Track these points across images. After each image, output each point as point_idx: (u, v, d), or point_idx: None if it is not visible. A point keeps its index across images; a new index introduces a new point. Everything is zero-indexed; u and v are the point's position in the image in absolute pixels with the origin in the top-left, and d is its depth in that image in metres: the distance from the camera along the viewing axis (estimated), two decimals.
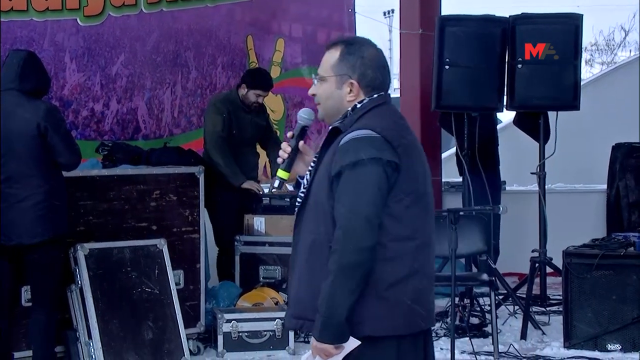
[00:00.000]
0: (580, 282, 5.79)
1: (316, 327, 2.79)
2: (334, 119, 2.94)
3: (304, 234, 2.88)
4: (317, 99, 2.97)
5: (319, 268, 2.81)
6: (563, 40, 6.53)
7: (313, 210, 2.86)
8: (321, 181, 2.85)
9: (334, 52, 2.93)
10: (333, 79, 2.92)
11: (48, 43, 6.68)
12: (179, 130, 7.43)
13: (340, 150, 2.81)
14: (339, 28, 8.38)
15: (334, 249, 2.77)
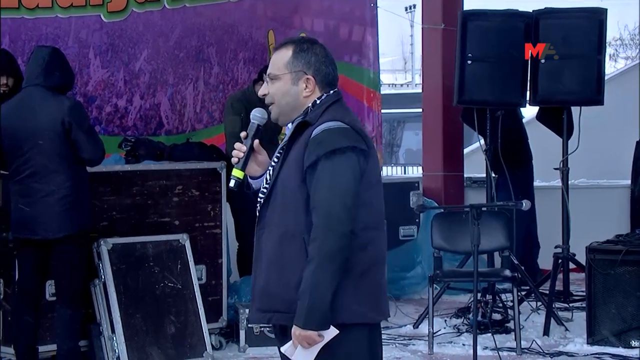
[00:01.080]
0: (604, 278, 5.76)
1: (300, 315, 2.81)
2: (289, 117, 2.99)
3: (270, 227, 2.91)
4: (270, 99, 2.99)
5: (290, 260, 2.86)
6: (587, 34, 6.49)
7: (280, 203, 2.89)
8: (290, 175, 2.89)
9: (285, 51, 2.98)
10: (288, 76, 2.96)
11: (72, 40, 6.73)
12: (201, 125, 7.46)
13: (313, 141, 2.86)
14: (361, 23, 8.36)
15: (314, 237, 2.81)
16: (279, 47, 3.01)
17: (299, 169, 2.87)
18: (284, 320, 2.90)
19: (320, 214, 2.82)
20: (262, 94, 3.00)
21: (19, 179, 4.96)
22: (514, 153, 7.05)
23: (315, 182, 2.84)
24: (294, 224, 2.87)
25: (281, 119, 3.00)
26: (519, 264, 6.51)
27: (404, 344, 5.99)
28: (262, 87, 3.01)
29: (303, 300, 2.81)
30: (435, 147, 8.10)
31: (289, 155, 2.91)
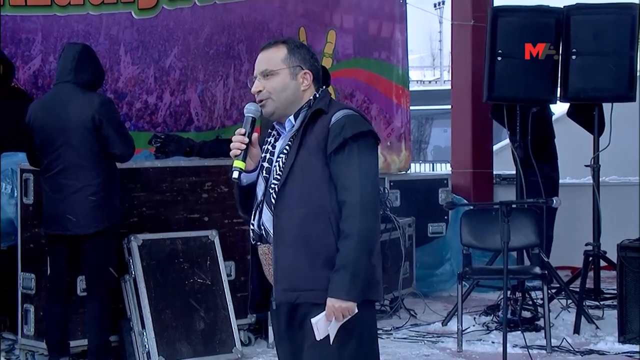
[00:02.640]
0: (636, 276, 5.72)
1: (341, 287, 2.92)
2: (286, 112, 3.06)
3: (291, 209, 2.99)
4: (265, 95, 3.05)
5: (316, 238, 2.97)
6: (619, 30, 6.44)
7: (300, 187, 2.98)
8: (310, 159, 2.99)
9: (278, 48, 3.08)
10: (286, 71, 3.05)
11: (104, 36, 6.77)
12: (230, 122, 7.48)
13: (336, 126, 2.98)
14: (390, 19, 8.35)
15: (349, 214, 2.94)
16: (267, 47, 3.10)
17: (320, 153, 2.98)
18: (312, 297, 2.97)
19: (354, 193, 2.95)
20: (256, 90, 3.06)
21: (50, 175, 5.00)
22: (543, 150, 7.01)
23: (344, 164, 2.96)
24: (318, 204, 2.98)
25: (277, 112, 3.07)
26: (548, 261, 6.47)
27: (433, 341, 5.98)
28: (255, 84, 3.07)
29: (343, 274, 2.92)
30: (465, 143, 8.07)
31: (305, 142, 3.01)
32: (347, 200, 2.95)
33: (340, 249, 2.94)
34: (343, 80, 8.18)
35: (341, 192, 2.96)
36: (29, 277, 5.43)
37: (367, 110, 8.32)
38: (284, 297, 3.02)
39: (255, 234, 3.10)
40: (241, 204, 3.18)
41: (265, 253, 3.09)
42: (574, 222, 7.46)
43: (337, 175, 2.97)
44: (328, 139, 2.98)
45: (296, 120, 3.06)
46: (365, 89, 8.31)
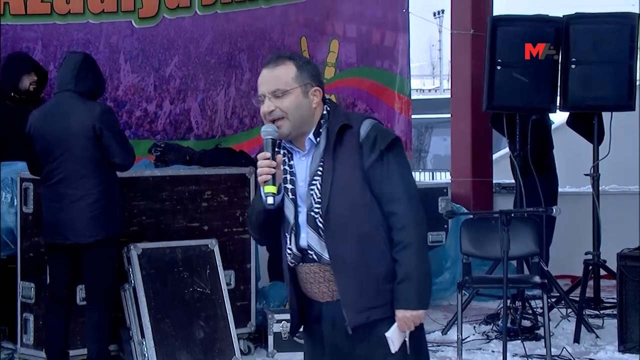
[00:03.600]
0: (636, 285, 5.71)
1: (410, 297, 2.97)
2: (300, 130, 3.03)
3: (343, 232, 2.98)
4: (279, 114, 3.01)
5: (375, 255, 2.99)
6: (618, 40, 6.45)
7: (347, 207, 2.98)
8: (349, 178, 2.99)
9: (287, 66, 3.03)
10: (298, 89, 3.02)
11: (103, 45, 6.78)
12: (231, 131, 7.49)
13: (367, 140, 2.98)
14: (393, 28, 8.36)
15: (403, 224, 2.97)
16: (273, 64, 3.05)
17: (357, 169, 2.98)
18: (381, 313, 3.00)
19: (403, 203, 2.98)
20: (269, 110, 3.01)
21: (50, 184, 5.01)
22: (542, 159, 7.01)
23: (385, 176, 2.99)
24: (368, 221, 2.99)
25: (292, 133, 3.03)
26: (548, 270, 6.47)
27: (433, 350, 5.97)
28: (266, 103, 3.02)
29: (409, 283, 2.97)
30: (464, 152, 8.07)
31: (339, 160, 3.00)
32: (399, 211, 2.98)
33: (401, 259, 2.97)
34: (345, 89, 8.19)
35: (389, 204, 2.99)
36: (28, 286, 5.43)
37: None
38: (357, 320, 3.01)
39: (296, 257, 3.07)
40: (264, 228, 3.14)
41: (313, 272, 3.07)
42: (573, 231, 7.46)
43: (379, 187, 2.99)
44: (362, 154, 2.98)
45: (317, 138, 3.03)
46: (367, 97, 8.32)
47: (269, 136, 3.02)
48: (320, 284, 3.06)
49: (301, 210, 3.05)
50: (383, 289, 3.00)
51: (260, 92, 3.05)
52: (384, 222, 3.00)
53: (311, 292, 3.10)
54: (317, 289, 3.07)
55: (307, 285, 3.09)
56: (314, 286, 3.08)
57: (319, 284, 3.06)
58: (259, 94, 3.06)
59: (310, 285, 3.09)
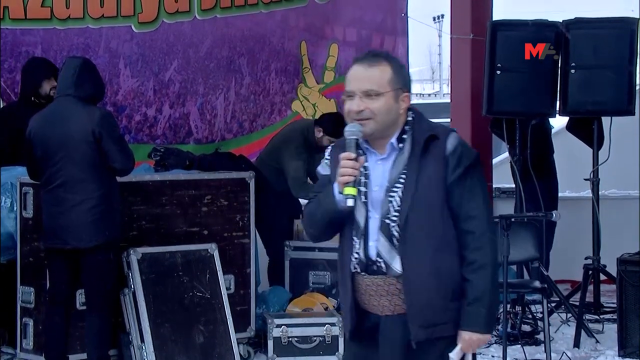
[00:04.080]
0: (635, 290, 5.71)
1: (480, 320, 2.94)
2: (383, 134, 2.97)
3: (418, 242, 2.93)
4: (368, 115, 2.94)
5: (446, 271, 2.95)
6: (618, 44, 6.45)
7: (426, 218, 2.93)
8: (432, 189, 2.93)
9: (384, 68, 2.97)
10: (391, 93, 2.95)
11: (103, 50, 6.79)
12: (230, 135, 7.49)
13: (453, 155, 2.95)
14: (393, 32, 8.36)
15: (482, 244, 2.94)
16: (369, 63, 2.97)
17: (440, 182, 2.94)
18: (445, 331, 2.96)
19: (482, 222, 2.95)
20: (358, 110, 2.94)
21: (50, 188, 5.00)
22: (542, 164, 7.01)
23: (468, 193, 2.95)
24: (444, 236, 2.95)
25: (375, 134, 2.97)
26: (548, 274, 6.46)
27: None
28: (355, 101, 2.94)
29: (480, 306, 2.93)
30: None
31: (423, 170, 2.94)
32: (476, 230, 2.94)
33: (474, 280, 2.93)
34: None
35: (467, 222, 2.95)
36: (28, 290, 5.42)
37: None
38: (422, 335, 2.95)
39: (361, 264, 2.99)
40: (327, 227, 3.06)
41: (376, 284, 2.99)
42: (573, 235, 7.45)
43: (459, 204, 2.95)
44: (447, 168, 2.93)
45: (400, 144, 2.97)
46: None
47: (353, 136, 2.94)
48: (382, 297, 2.99)
49: (372, 215, 2.97)
50: (450, 307, 2.96)
51: (351, 89, 2.98)
52: (456, 239, 2.95)
53: (369, 304, 3.03)
54: (377, 301, 3.00)
55: (366, 297, 3.02)
56: (373, 299, 3.01)
57: (380, 297, 2.99)
58: (349, 89, 2.98)
59: (369, 297, 3.01)
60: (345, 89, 3.00)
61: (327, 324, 5.73)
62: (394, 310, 2.99)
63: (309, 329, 5.75)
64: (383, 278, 2.97)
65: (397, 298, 2.98)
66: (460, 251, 2.97)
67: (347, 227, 3.01)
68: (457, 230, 2.96)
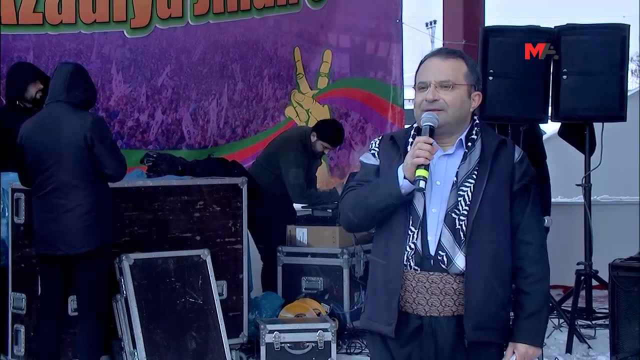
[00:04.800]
0: (627, 296, 5.71)
1: (537, 333, 2.96)
2: (453, 129, 2.94)
3: (481, 245, 2.89)
4: (442, 105, 2.91)
5: (502, 278, 2.92)
6: (609, 51, 6.46)
7: (490, 221, 2.91)
8: (498, 194, 2.93)
9: (459, 62, 2.96)
10: (465, 87, 2.94)
11: (95, 55, 6.78)
12: (223, 141, 7.48)
13: (521, 163, 2.97)
14: (387, 38, 8.37)
15: (541, 257, 2.96)
16: (444, 56, 2.95)
17: (507, 187, 2.94)
18: (492, 337, 2.94)
19: (540, 235, 2.98)
20: (432, 99, 2.90)
21: (41, 194, 4.99)
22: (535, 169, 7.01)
23: (529, 204, 2.96)
24: (504, 243, 2.93)
25: (446, 127, 2.93)
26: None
27: None
28: (430, 90, 2.90)
29: (539, 319, 2.95)
30: None
31: (493, 173, 2.93)
32: (535, 241, 2.96)
33: (533, 292, 2.93)
34: (339, 99, 8.20)
35: (527, 233, 2.95)
36: (19, 297, 5.41)
37: (363, 129, 8.33)
38: (474, 336, 2.90)
39: (416, 257, 2.90)
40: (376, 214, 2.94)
41: (431, 281, 2.90)
42: (565, 241, 7.47)
43: (521, 214, 2.94)
44: (515, 175, 2.94)
45: (468, 143, 2.95)
46: (360, 108, 8.33)
47: (429, 123, 2.89)
48: (433, 296, 2.90)
49: (430, 209, 2.91)
50: (500, 314, 2.93)
51: (425, 79, 2.93)
52: (510, 248, 2.93)
53: (413, 303, 2.92)
54: (426, 300, 2.91)
55: (412, 295, 2.92)
56: (422, 297, 2.91)
57: (432, 295, 2.90)
58: (422, 80, 2.94)
59: (417, 294, 2.91)
60: (417, 81, 2.95)
61: (320, 330, 5.73)
62: (441, 312, 2.91)
63: (301, 334, 5.75)
64: (440, 275, 2.89)
65: (449, 299, 2.90)
66: (514, 262, 2.94)
67: (398, 218, 2.93)
68: (513, 240, 2.94)
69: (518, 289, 2.95)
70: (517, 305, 2.95)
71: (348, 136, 8.24)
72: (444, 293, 2.90)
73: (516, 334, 2.94)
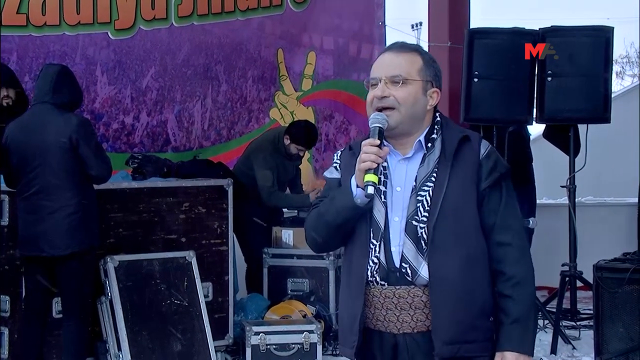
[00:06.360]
0: (611, 297, 5.73)
1: (525, 340, 2.69)
2: (407, 128, 2.73)
3: (446, 250, 2.65)
4: (392, 103, 2.70)
5: (477, 284, 2.68)
6: (593, 52, 6.49)
7: (454, 225, 2.67)
8: (463, 194, 2.69)
9: (414, 57, 2.75)
10: (419, 83, 2.73)
11: (80, 57, 6.76)
12: (208, 142, 7.47)
13: (488, 159, 2.72)
14: (370, 41, 8.39)
15: (519, 257, 2.70)
16: (398, 50, 2.75)
17: (473, 187, 2.69)
18: (473, 350, 2.68)
19: (518, 234, 2.73)
20: (381, 95, 2.70)
21: (26, 195, 4.97)
22: (520, 171, 7.04)
23: (502, 202, 2.72)
24: (475, 246, 2.69)
25: (399, 128, 2.72)
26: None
27: None
28: (380, 87, 2.71)
29: (525, 324, 2.69)
30: None
31: (455, 173, 2.69)
32: (513, 242, 2.70)
33: (516, 296, 2.67)
34: (322, 101, 8.21)
35: (502, 233, 2.69)
36: (3, 299, 5.37)
37: (347, 131, 8.34)
38: (445, 351, 2.64)
39: (381, 271, 2.68)
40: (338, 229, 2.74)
41: (399, 296, 2.68)
42: (550, 242, 7.49)
43: (493, 214, 2.70)
44: (481, 172, 2.70)
45: (428, 143, 2.73)
46: (344, 110, 8.35)
47: (377, 124, 2.69)
48: (403, 312, 2.68)
49: (392, 217, 2.69)
50: (478, 324, 2.68)
51: (376, 75, 2.73)
52: (486, 251, 2.69)
53: (384, 320, 2.71)
54: (396, 317, 2.69)
55: (382, 312, 2.70)
56: (392, 313, 2.69)
57: (401, 311, 2.68)
58: (373, 77, 2.74)
59: (386, 311, 2.70)
60: (370, 77, 2.76)
61: (306, 332, 5.72)
62: (414, 328, 2.70)
63: (287, 336, 5.74)
64: (407, 289, 2.67)
65: (420, 313, 2.68)
66: (493, 266, 2.70)
67: (360, 230, 2.72)
68: (489, 242, 2.70)
69: (500, 294, 2.69)
70: (501, 311, 2.69)
71: (332, 138, 8.24)
72: (414, 307, 2.68)
73: (502, 341, 2.68)
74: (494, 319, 2.72)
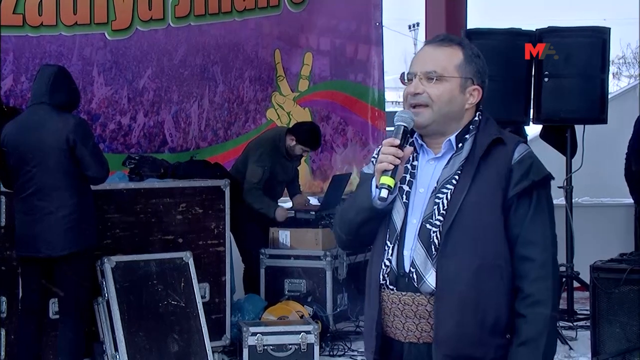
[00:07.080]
0: (608, 297, 5.74)
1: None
2: (441, 128, 2.55)
3: (460, 257, 2.47)
4: (425, 100, 2.52)
5: (487, 296, 2.48)
6: (590, 53, 6.50)
7: (473, 230, 2.48)
8: (486, 199, 2.49)
9: (453, 50, 2.56)
10: (457, 80, 2.53)
11: (76, 57, 6.75)
12: (205, 143, 7.47)
13: (521, 164, 2.52)
14: (367, 41, 8.40)
15: (542, 276, 2.49)
16: (438, 44, 2.57)
17: (499, 193, 2.49)
18: None
19: (545, 251, 2.51)
20: (414, 92, 2.53)
21: (23, 196, 4.96)
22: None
23: (530, 213, 2.50)
24: (494, 255, 2.48)
25: (431, 127, 2.53)
26: None
27: None
28: (413, 84, 2.53)
29: (534, 348, 2.47)
30: None
31: (480, 176, 2.50)
32: (537, 258, 2.48)
33: (530, 316, 2.46)
34: (319, 102, 8.22)
35: (527, 247, 2.49)
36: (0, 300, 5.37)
37: (344, 132, 8.35)
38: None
39: (392, 275, 2.53)
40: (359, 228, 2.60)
41: (404, 303, 2.54)
42: None
43: (519, 225, 2.49)
44: (511, 178, 2.49)
45: (459, 144, 2.54)
46: (341, 111, 8.35)
47: (402, 123, 2.50)
48: (408, 320, 2.54)
49: (410, 220, 2.53)
50: (485, 341, 2.48)
51: (412, 70, 2.55)
52: (509, 264, 2.49)
53: (392, 327, 2.57)
54: (402, 324, 2.55)
55: (390, 318, 2.56)
56: (398, 320, 2.55)
57: (407, 319, 2.54)
58: (409, 71, 2.56)
59: (394, 318, 2.56)
60: (407, 71, 2.59)
61: (303, 332, 5.72)
62: (419, 338, 2.54)
63: (284, 337, 5.74)
64: (412, 296, 2.52)
65: (425, 323, 2.52)
66: (515, 281, 2.50)
67: (381, 231, 2.58)
68: (513, 255, 2.50)
69: (515, 312, 2.49)
70: (513, 331, 2.49)
71: (329, 139, 8.25)
72: (418, 316, 2.53)
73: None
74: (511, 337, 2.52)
